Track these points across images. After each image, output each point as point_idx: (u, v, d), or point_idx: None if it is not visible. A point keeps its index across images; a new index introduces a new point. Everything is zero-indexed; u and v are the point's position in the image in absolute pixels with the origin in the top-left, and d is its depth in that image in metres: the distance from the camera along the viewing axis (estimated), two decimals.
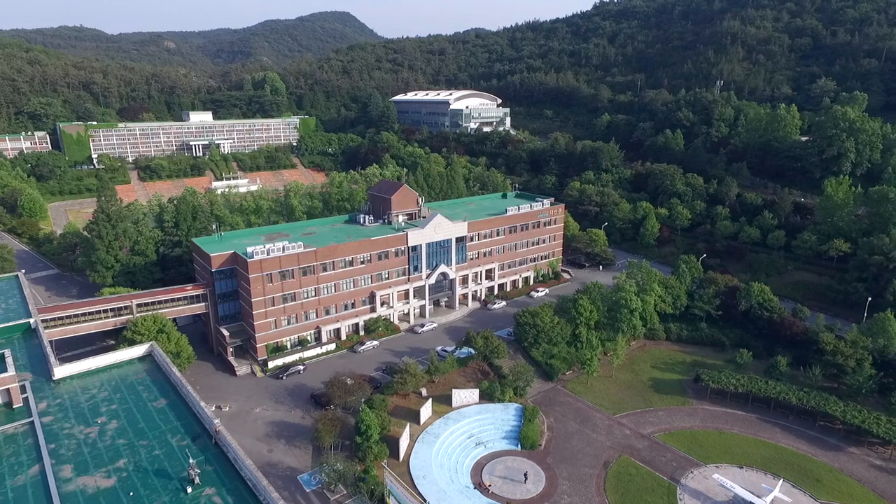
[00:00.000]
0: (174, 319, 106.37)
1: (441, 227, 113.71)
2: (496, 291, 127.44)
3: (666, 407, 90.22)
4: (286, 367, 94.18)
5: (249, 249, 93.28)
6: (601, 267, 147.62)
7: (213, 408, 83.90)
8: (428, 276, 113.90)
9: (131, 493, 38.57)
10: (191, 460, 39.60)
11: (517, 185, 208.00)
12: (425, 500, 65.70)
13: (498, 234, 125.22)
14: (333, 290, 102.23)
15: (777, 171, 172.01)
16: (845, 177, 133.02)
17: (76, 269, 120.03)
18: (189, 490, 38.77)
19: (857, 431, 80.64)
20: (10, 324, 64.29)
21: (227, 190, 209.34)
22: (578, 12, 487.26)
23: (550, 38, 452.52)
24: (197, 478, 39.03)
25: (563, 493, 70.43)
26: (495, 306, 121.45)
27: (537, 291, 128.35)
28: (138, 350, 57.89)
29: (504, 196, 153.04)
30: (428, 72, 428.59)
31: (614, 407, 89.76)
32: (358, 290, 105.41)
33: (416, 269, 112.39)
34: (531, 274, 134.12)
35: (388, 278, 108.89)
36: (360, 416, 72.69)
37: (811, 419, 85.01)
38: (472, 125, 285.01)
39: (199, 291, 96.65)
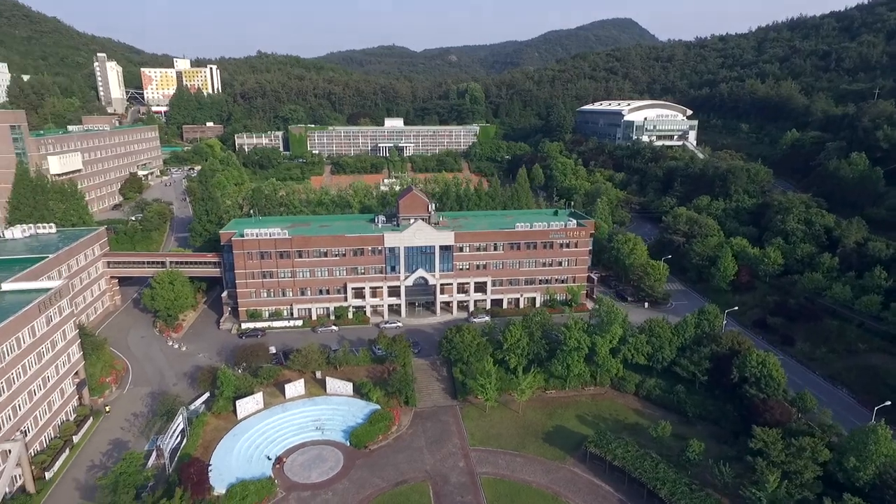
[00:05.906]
0: None
1: (422, 233, 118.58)
2: (490, 306, 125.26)
3: (533, 456, 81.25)
4: (251, 330, 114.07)
5: (246, 231, 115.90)
6: (647, 304, 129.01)
7: (175, 346, 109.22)
8: (406, 278, 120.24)
9: None
10: None
11: (634, 205, 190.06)
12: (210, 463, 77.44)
13: (495, 249, 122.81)
14: (309, 276, 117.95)
15: None
16: None
17: None
18: None
19: None
20: (31, 255, 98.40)
21: (391, 184, 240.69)
22: (863, 2, 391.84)
23: (809, 36, 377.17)
24: None
25: (331, 490, 73.39)
26: (477, 320, 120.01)
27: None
28: (55, 284, 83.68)
29: (556, 213, 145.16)
30: (642, 80, 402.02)
31: (482, 439, 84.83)
32: (332, 279, 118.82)
33: (393, 269, 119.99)
34: (539, 296, 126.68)
35: (363, 273, 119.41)
36: (217, 374, 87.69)
37: None
38: (646, 138, 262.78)
39: (216, 259, 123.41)
